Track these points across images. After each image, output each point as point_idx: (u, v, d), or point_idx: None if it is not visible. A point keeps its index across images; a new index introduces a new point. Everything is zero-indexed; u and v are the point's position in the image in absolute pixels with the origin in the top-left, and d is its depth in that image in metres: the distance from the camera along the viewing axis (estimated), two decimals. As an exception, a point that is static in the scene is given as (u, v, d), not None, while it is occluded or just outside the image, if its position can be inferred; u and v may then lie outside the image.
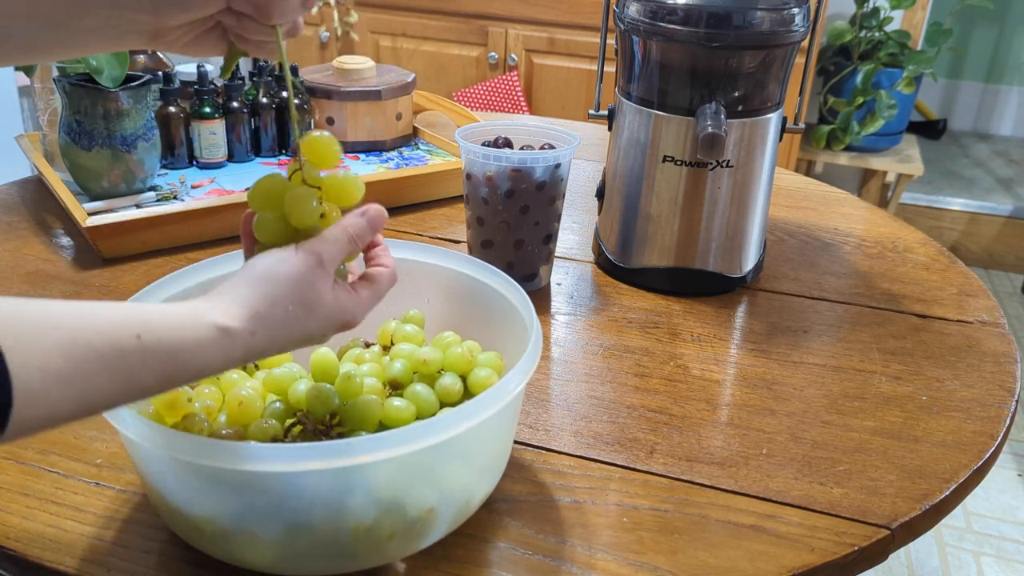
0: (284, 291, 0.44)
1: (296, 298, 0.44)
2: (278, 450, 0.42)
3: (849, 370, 0.71)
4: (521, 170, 0.75)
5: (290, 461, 0.42)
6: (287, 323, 0.44)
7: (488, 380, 0.56)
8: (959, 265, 0.92)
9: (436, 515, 0.49)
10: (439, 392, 0.56)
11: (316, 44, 2.58)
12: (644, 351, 0.73)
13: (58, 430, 0.59)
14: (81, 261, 0.84)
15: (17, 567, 0.50)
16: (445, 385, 0.56)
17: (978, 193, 2.80)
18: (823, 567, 0.51)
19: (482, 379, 0.56)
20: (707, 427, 0.63)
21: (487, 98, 2.36)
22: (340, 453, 0.43)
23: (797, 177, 1.16)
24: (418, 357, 0.56)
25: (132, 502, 0.54)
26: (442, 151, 1.12)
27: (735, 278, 0.83)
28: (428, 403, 0.54)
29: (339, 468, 0.43)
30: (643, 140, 0.80)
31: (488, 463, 0.53)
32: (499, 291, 0.59)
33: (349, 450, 0.43)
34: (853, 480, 0.58)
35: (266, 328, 0.43)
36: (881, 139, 2.60)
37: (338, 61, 1.11)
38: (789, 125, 0.84)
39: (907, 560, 1.62)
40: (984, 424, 0.65)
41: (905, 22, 2.61)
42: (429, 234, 0.93)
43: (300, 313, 0.44)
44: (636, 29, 0.77)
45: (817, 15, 0.82)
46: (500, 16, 2.37)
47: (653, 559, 0.51)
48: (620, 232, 0.84)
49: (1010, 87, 3.18)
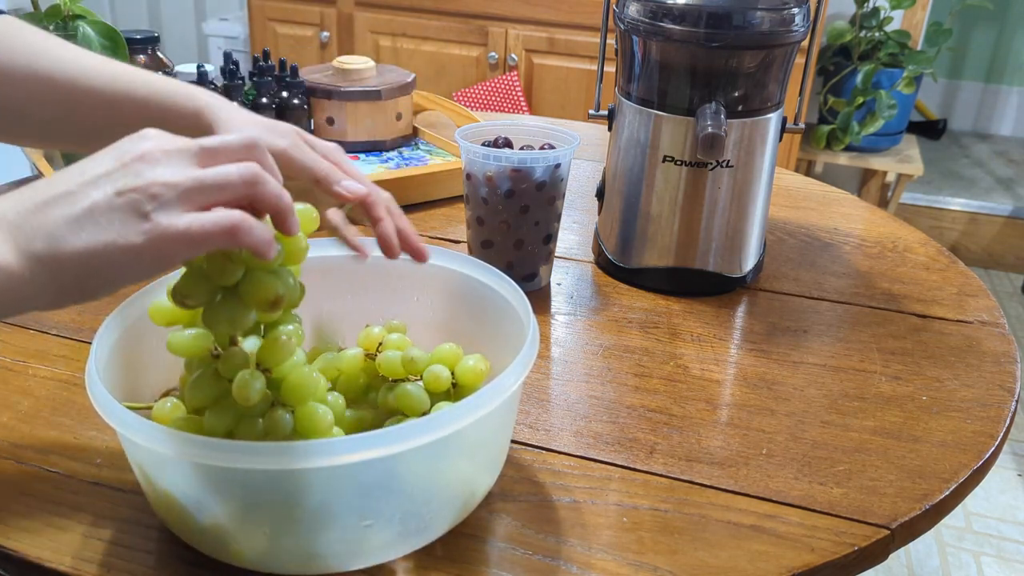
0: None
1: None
2: (277, 449, 0.42)
3: (849, 370, 0.71)
4: (521, 170, 0.75)
5: (289, 460, 0.42)
6: (46, 184, 0.41)
7: (476, 368, 0.54)
8: (959, 265, 0.92)
9: (434, 514, 0.49)
10: (427, 380, 0.54)
11: (316, 44, 2.58)
12: (644, 351, 0.73)
13: (58, 430, 0.60)
14: (81, 261, 0.84)
15: (17, 567, 0.50)
16: (434, 373, 0.54)
17: (978, 193, 2.80)
18: (823, 567, 0.51)
19: (470, 367, 0.54)
20: (707, 427, 0.63)
21: (487, 98, 2.36)
22: (339, 451, 0.43)
23: (797, 177, 1.16)
24: (406, 357, 0.55)
25: (132, 502, 0.54)
26: (442, 151, 1.12)
27: (735, 278, 0.83)
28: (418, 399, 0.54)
29: (338, 467, 0.43)
30: (643, 140, 0.80)
31: (488, 459, 0.53)
32: (497, 291, 0.59)
33: (348, 448, 0.43)
34: (853, 480, 0.58)
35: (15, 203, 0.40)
36: (881, 139, 2.61)
37: (338, 61, 1.11)
38: (789, 125, 0.84)
39: (907, 560, 1.62)
40: (984, 424, 0.65)
41: (905, 22, 2.61)
42: (429, 234, 0.93)
43: (68, 171, 0.41)
44: (636, 29, 0.77)
45: (817, 15, 0.82)
46: (500, 16, 2.37)
47: (653, 559, 0.51)
48: (620, 232, 0.84)
49: (1010, 87, 3.18)
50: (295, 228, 0.45)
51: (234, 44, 2.80)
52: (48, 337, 0.71)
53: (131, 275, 0.41)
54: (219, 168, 0.42)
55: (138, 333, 0.53)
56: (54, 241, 0.40)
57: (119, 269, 0.40)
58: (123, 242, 0.40)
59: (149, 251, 0.40)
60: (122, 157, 0.42)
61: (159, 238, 0.40)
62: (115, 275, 0.41)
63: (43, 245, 0.40)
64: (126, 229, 0.40)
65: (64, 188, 0.41)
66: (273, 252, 0.43)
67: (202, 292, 0.45)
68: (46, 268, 0.40)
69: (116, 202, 0.40)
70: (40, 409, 0.62)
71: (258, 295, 0.44)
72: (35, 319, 0.73)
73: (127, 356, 0.52)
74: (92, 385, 0.46)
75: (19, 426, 0.60)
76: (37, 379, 0.66)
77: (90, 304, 0.76)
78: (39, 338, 0.71)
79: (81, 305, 0.75)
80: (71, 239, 0.40)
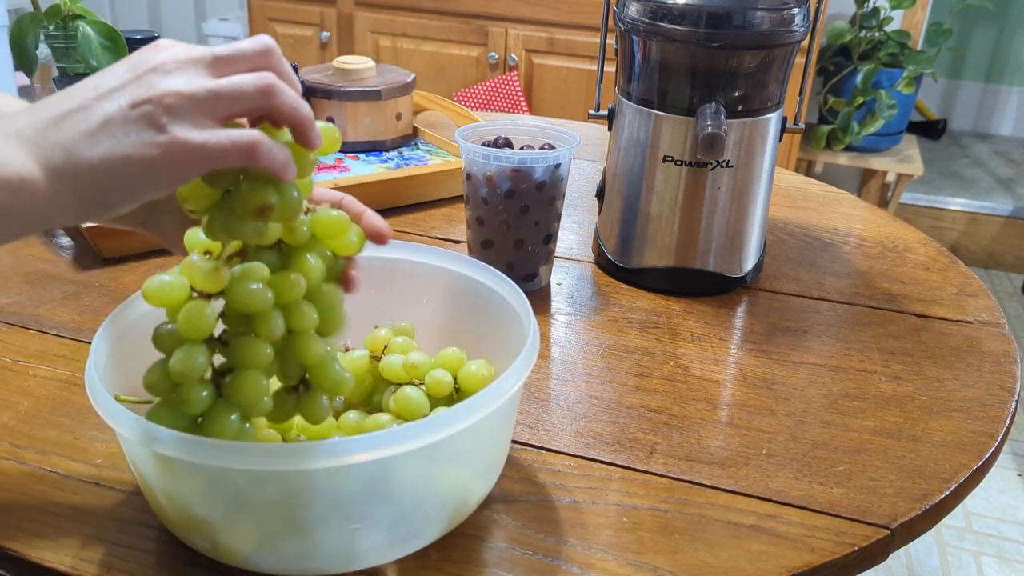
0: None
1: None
2: (275, 449, 0.42)
3: (849, 370, 0.71)
4: (521, 170, 0.75)
5: (289, 460, 0.42)
6: (60, 98, 0.41)
7: (479, 373, 0.54)
8: (959, 265, 0.92)
9: (430, 517, 0.49)
10: (429, 385, 0.54)
11: (316, 44, 2.58)
12: (644, 351, 0.73)
13: (58, 430, 0.60)
14: (81, 261, 0.84)
15: (17, 567, 0.50)
16: (436, 377, 0.54)
17: (978, 193, 2.80)
18: (823, 567, 0.51)
19: (473, 372, 0.54)
20: (707, 427, 0.63)
21: (487, 98, 2.36)
22: (337, 452, 0.42)
23: (797, 177, 1.16)
24: (408, 362, 0.55)
25: (132, 502, 0.54)
26: (442, 151, 1.12)
27: (735, 278, 0.83)
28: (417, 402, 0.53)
29: (337, 467, 0.43)
30: (643, 140, 0.80)
31: (486, 464, 0.53)
32: (496, 291, 0.59)
33: (345, 449, 0.43)
34: (853, 480, 0.58)
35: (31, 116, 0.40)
36: (881, 139, 2.61)
37: (338, 61, 1.11)
38: (789, 125, 0.84)
39: (907, 560, 1.62)
40: (984, 424, 0.65)
41: (905, 22, 2.61)
42: (429, 234, 0.93)
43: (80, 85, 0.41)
44: (636, 29, 0.77)
45: (817, 15, 0.82)
46: (500, 16, 2.37)
47: (653, 559, 0.51)
48: (620, 232, 0.84)
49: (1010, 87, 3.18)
50: (317, 140, 0.44)
51: (234, 44, 2.80)
52: (48, 337, 0.71)
53: (150, 188, 0.41)
54: (234, 78, 0.42)
55: (138, 333, 0.53)
56: (71, 155, 0.40)
57: (138, 182, 0.40)
58: (139, 155, 0.39)
59: (166, 163, 0.40)
60: (136, 69, 0.41)
61: (175, 150, 0.40)
62: (134, 188, 0.41)
63: (61, 159, 0.40)
64: (142, 141, 0.40)
65: (79, 102, 0.41)
66: (291, 174, 0.42)
67: (200, 196, 0.43)
68: (66, 182, 0.40)
69: (131, 114, 0.40)
70: (40, 409, 0.62)
71: (247, 202, 0.43)
72: (35, 319, 0.73)
73: (127, 356, 0.52)
74: (92, 385, 0.46)
75: (19, 426, 0.60)
76: (37, 379, 0.66)
77: (90, 304, 0.76)
78: (39, 338, 0.71)
79: (81, 305, 0.76)
80: (88, 153, 0.40)
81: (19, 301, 0.76)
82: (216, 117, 0.41)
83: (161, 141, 0.40)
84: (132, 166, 0.40)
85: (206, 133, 0.40)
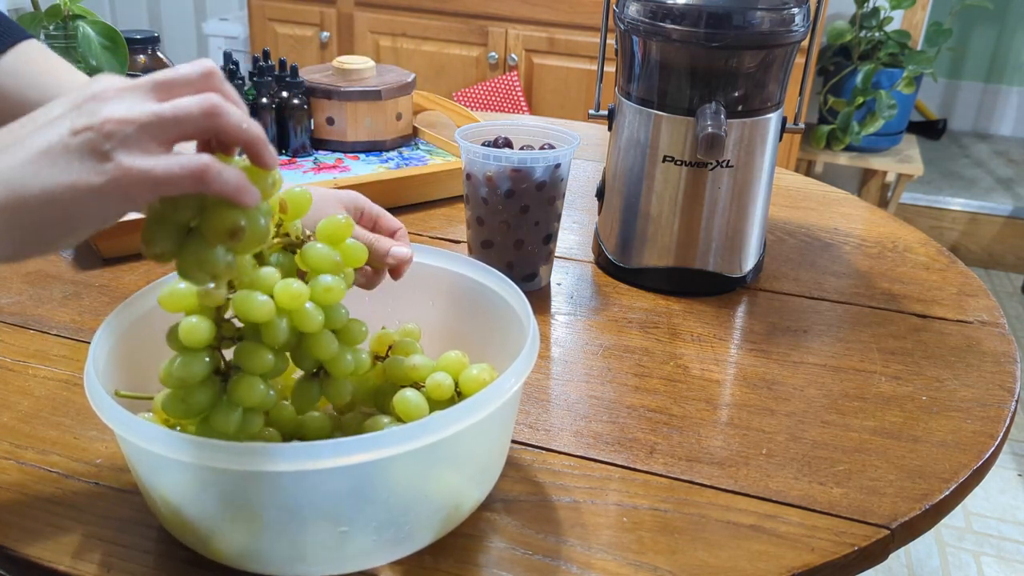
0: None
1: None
2: (274, 450, 0.42)
3: (849, 370, 0.71)
4: (521, 170, 0.75)
5: (288, 460, 0.42)
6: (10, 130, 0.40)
7: (480, 377, 0.53)
8: (959, 265, 0.92)
9: (420, 521, 0.48)
10: (430, 388, 0.53)
11: (316, 44, 2.58)
12: (644, 351, 0.73)
13: (58, 430, 0.60)
14: (81, 261, 0.84)
15: (17, 567, 0.50)
16: (436, 380, 0.53)
17: (978, 193, 2.80)
18: (823, 567, 0.51)
19: (474, 376, 0.53)
20: (707, 427, 0.63)
21: (487, 98, 2.36)
22: (337, 453, 0.42)
23: (797, 177, 1.16)
24: (409, 364, 0.55)
25: (131, 502, 0.54)
26: (442, 151, 1.12)
27: (735, 278, 0.83)
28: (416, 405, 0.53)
29: (336, 468, 0.43)
30: (643, 140, 0.80)
31: (481, 468, 0.52)
32: (496, 292, 0.59)
33: (343, 450, 0.42)
34: (853, 480, 0.58)
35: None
36: (881, 139, 2.61)
37: (338, 61, 1.11)
38: (789, 125, 0.84)
39: (907, 560, 1.62)
40: (984, 424, 0.65)
41: (905, 22, 2.61)
42: (429, 234, 0.93)
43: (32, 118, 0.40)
44: (636, 29, 0.77)
45: (817, 15, 0.82)
46: (500, 16, 2.37)
47: (653, 559, 0.51)
48: (620, 232, 0.84)
49: (1010, 87, 3.18)
50: (271, 160, 0.43)
51: (234, 44, 2.80)
52: (48, 337, 0.71)
53: (95, 218, 0.39)
54: (177, 101, 0.40)
55: (137, 333, 0.53)
56: (10, 187, 0.38)
57: (82, 212, 0.38)
58: (84, 184, 0.38)
59: (113, 192, 0.38)
60: (75, 100, 0.40)
61: (122, 178, 0.38)
62: (78, 219, 0.39)
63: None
64: (86, 169, 0.38)
65: (18, 135, 0.39)
66: (250, 197, 0.40)
67: (166, 236, 0.41)
68: (4, 217, 0.38)
69: (72, 142, 0.38)
70: (40, 409, 0.62)
71: (216, 226, 0.41)
72: (35, 319, 0.73)
73: (126, 356, 0.52)
74: (91, 385, 0.46)
75: (19, 426, 0.60)
76: (37, 379, 0.66)
77: (90, 304, 0.76)
78: (39, 338, 0.71)
79: (81, 305, 0.76)
80: (29, 183, 0.38)
81: (19, 301, 0.76)
82: (162, 141, 0.39)
83: (107, 168, 0.38)
84: (77, 195, 0.38)
85: (152, 159, 0.38)
